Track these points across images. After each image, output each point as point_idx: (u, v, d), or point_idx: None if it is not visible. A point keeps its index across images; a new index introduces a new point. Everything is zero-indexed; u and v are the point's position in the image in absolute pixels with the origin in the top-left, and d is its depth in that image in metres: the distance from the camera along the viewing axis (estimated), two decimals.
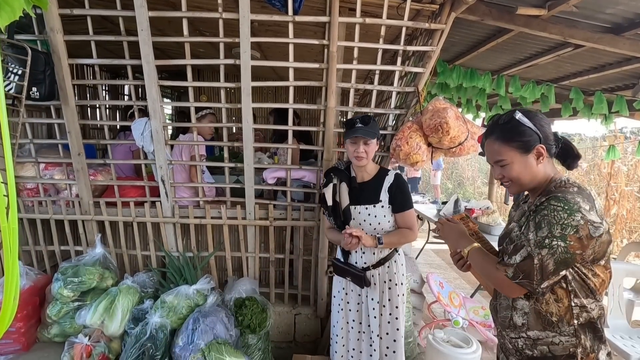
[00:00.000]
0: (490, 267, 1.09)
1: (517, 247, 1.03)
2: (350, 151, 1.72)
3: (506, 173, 1.09)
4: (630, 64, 2.84)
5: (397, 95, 2.27)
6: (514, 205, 1.32)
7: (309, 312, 2.52)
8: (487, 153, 1.15)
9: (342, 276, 1.83)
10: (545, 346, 1.04)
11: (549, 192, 1.05)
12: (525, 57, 3.15)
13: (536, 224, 0.98)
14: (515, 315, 1.09)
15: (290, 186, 2.32)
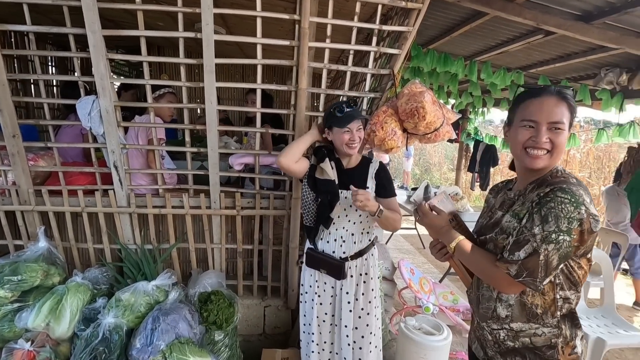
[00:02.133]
0: (486, 264, 1.01)
1: (519, 242, 0.94)
2: (344, 139, 1.63)
3: (556, 139, 0.96)
4: (594, 54, 2.91)
5: (372, 78, 2.16)
6: (492, 192, 1.27)
7: (279, 304, 2.43)
8: (540, 110, 0.97)
9: (316, 268, 1.74)
10: (528, 338, 1.02)
11: (545, 180, 1.00)
12: (497, 43, 3.15)
13: (542, 217, 0.91)
14: (500, 307, 1.05)
15: (259, 173, 2.17)
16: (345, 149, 1.64)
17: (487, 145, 5.74)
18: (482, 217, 1.23)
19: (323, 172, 1.66)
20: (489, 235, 1.09)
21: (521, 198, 1.05)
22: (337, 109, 1.63)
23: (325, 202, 1.65)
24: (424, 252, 4.88)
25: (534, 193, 0.99)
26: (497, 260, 0.98)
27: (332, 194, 1.64)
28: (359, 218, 1.70)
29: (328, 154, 1.70)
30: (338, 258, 1.70)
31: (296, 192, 2.13)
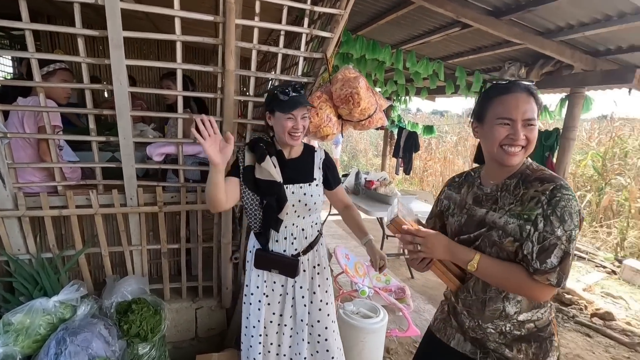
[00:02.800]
0: (521, 278, 0.97)
1: (546, 248, 0.94)
2: (286, 127, 1.44)
3: (532, 135, 0.98)
4: (501, 48, 3.21)
5: (304, 62, 2.07)
6: (452, 188, 1.23)
7: (213, 304, 2.26)
8: (514, 107, 0.98)
9: (266, 269, 1.59)
10: (532, 323, 1.06)
11: (527, 175, 1.02)
12: (419, 33, 3.28)
13: (559, 218, 0.93)
14: (509, 306, 1.05)
15: (183, 164, 1.95)
16: (287, 138, 1.47)
17: (410, 132, 6.10)
18: (453, 216, 1.18)
19: (264, 172, 1.47)
20: (471, 235, 1.08)
21: (506, 194, 1.04)
22: (281, 91, 1.45)
23: (272, 205, 1.47)
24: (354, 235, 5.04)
25: (527, 190, 0.99)
26: (534, 274, 0.96)
27: (278, 195, 1.47)
28: (308, 212, 1.58)
29: (267, 148, 1.51)
30: (290, 256, 1.57)
31: None
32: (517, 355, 1.05)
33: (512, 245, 0.99)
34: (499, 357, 1.08)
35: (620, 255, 4.97)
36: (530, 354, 1.05)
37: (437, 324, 1.27)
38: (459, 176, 1.24)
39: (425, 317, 3.03)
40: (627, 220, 5.34)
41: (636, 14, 2.19)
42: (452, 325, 1.20)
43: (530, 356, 1.05)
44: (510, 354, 1.06)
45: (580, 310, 3.46)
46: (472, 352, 1.14)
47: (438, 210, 1.26)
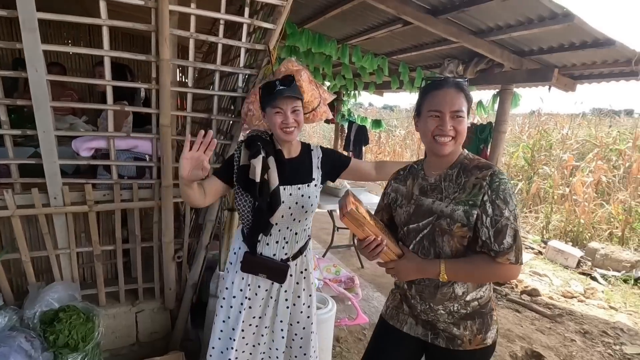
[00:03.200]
0: (488, 267, 1.07)
1: (500, 230, 1.03)
2: (277, 123, 1.37)
3: (458, 125, 1.08)
4: (440, 45, 3.37)
5: (247, 54, 2.02)
6: (397, 180, 1.29)
7: (155, 306, 2.16)
8: (442, 101, 1.07)
9: (253, 272, 1.50)
10: (476, 301, 1.15)
11: (465, 164, 1.12)
12: (364, 29, 3.35)
13: (503, 200, 1.03)
14: (457, 287, 1.14)
15: (115, 159, 1.82)
16: (280, 133, 1.39)
17: (359, 126, 6.24)
18: (401, 207, 1.23)
19: (253, 171, 1.37)
20: (420, 224, 1.15)
21: (450, 184, 1.12)
22: (268, 86, 1.38)
23: (262, 207, 1.38)
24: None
25: (469, 178, 1.08)
26: (496, 257, 1.04)
27: (271, 198, 1.37)
28: (304, 215, 1.48)
29: (265, 147, 1.40)
30: (279, 260, 1.50)
31: (166, 179, 1.87)
32: (463, 332, 1.15)
33: (461, 230, 1.07)
34: (448, 335, 1.17)
35: (546, 237, 5.52)
36: (475, 329, 1.15)
37: (389, 312, 1.33)
38: (403, 169, 1.31)
39: (374, 305, 3.15)
40: (551, 205, 5.95)
41: (552, 18, 2.42)
42: (404, 311, 1.27)
43: (475, 331, 1.15)
44: (458, 331, 1.15)
45: (511, 289, 3.80)
46: (423, 335, 1.22)
47: (385, 203, 1.32)
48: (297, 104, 1.39)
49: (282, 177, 1.41)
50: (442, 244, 1.12)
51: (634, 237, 5.10)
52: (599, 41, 2.63)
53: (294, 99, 1.38)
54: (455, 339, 1.16)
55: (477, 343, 1.15)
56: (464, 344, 1.15)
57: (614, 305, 3.56)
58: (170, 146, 1.84)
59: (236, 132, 2.01)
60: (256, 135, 1.48)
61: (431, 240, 1.14)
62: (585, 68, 3.21)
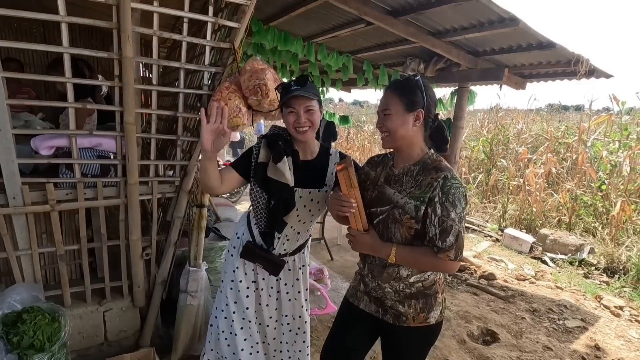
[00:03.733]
0: (430, 259, 1.19)
1: (445, 229, 1.14)
2: (290, 122, 1.40)
3: (386, 122, 1.22)
4: (402, 45, 3.51)
5: (212, 51, 2.05)
6: (370, 165, 1.41)
7: (124, 305, 2.15)
8: (379, 104, 1.27)
9: (251, 261, 1.56)
10: (420, 283, 1.27)
11: (427, 164, 1.23)
12: (329, 27, 3.43)
13: (451, 203, 1.13)
14: (402, 270, 1.26)
15: (79, 157, 1.80)
16: (294, 133, 1.41)
17: (328, 122, 6.33)
18: (367, 190, 1.34)
19: (278, 173, 1.40)
20: (379, 209, 1.27)
21: (410, 179, 1.24)
22: (284, 86, 1.40)
23: (279, 207, 1.43)
24: None
25: (425, 177, 1.19)
26: (437, 253, 1.17)
27: (287, 199, 1.43)
28: (310, 217, 1.53)
29: (285, 147, 1.43)
30: (278, 255, 1.56)
31: (132, 176, 1.88)
32: (407, 310, 1.28)
33: (409, 222, 1.20)
34: (395, 312, 1.30)
35: (503, 225, 5.91)
36: (418, 308, 1.27)
37: (350, 291, 1.47)
38: (378, 156, 1.43)
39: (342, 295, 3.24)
40: (507, 195, 6.35)
41: (501, 22, 2.61)
42: (360, 289, 1.41)
43: (418, 310, 1.27)
44: (403, 309, 1.28)
45: (471, 274, 4.06)
46: (375, 311, 1.36)
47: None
48: (310, 103, 1.38)
49: (295, 179, 1.44)
50: (394, 231, 1.24)
51: (580, 223, 5.57)
52: (542, 44, 2.86)
53: (307, 98, 1.37)
54: (400, 315, 1.29)
55: (420, 321, 1.27)
56: (408, 320, 1.28)
57: (560, 285, 3.91)
58: (135, 143, 1.84)
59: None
60: (277, 133, 1.50)
61: (385, 226, 1.26)
62: (533, 68, 3.48)
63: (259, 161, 1.45)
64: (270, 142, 1.46)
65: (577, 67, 3.03)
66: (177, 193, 2.11)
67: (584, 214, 5.62)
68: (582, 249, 4.81)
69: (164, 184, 2.08)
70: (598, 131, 6.41)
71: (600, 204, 5.56)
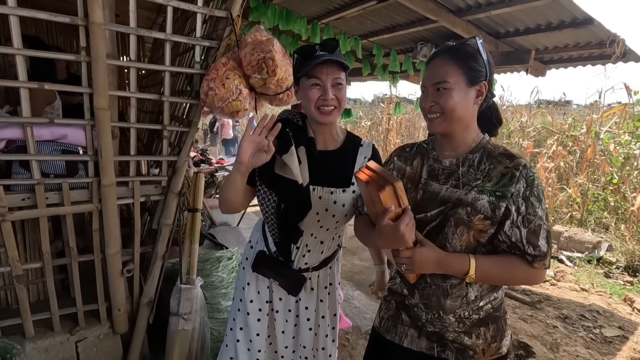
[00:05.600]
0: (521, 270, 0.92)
1: (533, 230, 0.90)
2: (312, 99, 1.07)
3: (442, 100, 0.92)
4: (414, 27, 3.18)
5: (205, 22, 1.69)
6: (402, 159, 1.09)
7: (101, 332, 1.77)
8: (427, 74, 0.96)
9: (264, 274, 1.25)
10: (490, 304, 1.00)
11: (489, 150, 0.96)
12: (335, 7, 3.07)
13: (537, 197, 0.90)
14: (471, 291, 0.97)
15: (37, 152, 1.42)
16: (315, 114, 1.09)
17: None
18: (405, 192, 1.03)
19: (285, 168, 1.10)
20: (429, 214, 0.97)
21: (470, 169, 0.96)
22: (305, 50, 1.08)
23: (291, 211, 1.13)
24: None
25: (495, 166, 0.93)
26: (533, 262, 0.91)
27: (300, 199, 1.12)
28: (334, 224, 1.21)
29: (295, 134, 1.12)
30: (297, 269, 1.24)
31: (107, 176, 1.50)
32: (476, 341, 0.99)
33: (482, 223, 0.92)
34: (458, 347, 1.00)
35: None
36: (489, 337, 0.99)
37: (384, 324, 1.13)
38: (410, 146, 1.11)
39: (355, 305, 2.93)
40: None
41: None
42: (403, 322, 1.08)
43: (489, 339, 0.99)
44: (470, 341, 0.99)
45: None
46: (428, 348, 1.03)
47: None
48: (340, 75, 1.08)
49: (312, 175, 1.14)
50: (453, 238, 0.94)
51: (590, 218, 5.34)
52: (576, 20, 2.55)
53: (337, 68, 1.07)
54: (466, 350, 0.99)
55: (491, 353, 1.00)
56: (477, 355, 0.99)
57: (584, 287, 3.63)
58: (109, 135, 1.47)
59: (195, 117, 1.67)
60: (286, 117, 1.18)
61: (438, 234, 0.96)
62: (556, 51, 3.18)
63: None
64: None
65: (612, 48, 2.73)
66: (164, 195, 1.74)
67: (594, 209, 5.38)
68: (599, 247, 4.56)
69: (147, 184, 1.71)
70: (610, 123, 6.18)
71: (612, 199, 5.33)
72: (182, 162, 1.70)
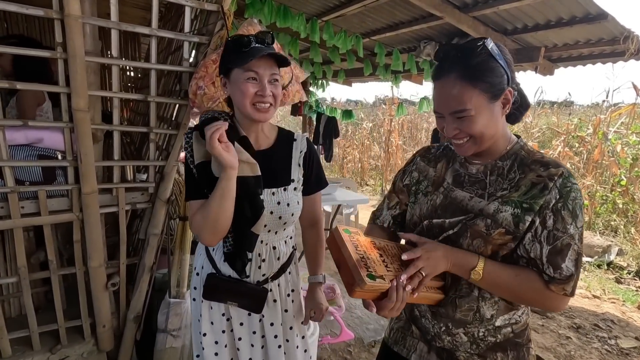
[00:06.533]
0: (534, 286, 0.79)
1: (558, 249, 0.77)
2: (247, 93, 0.96)
3: (466, 127, 0.79)
4: (417, 24, 3.07)
5: (195, 16, 1.57)
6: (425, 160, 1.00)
7: (85, 350, 1.65)
8: (439, 99, 0.82)
9: (219, 300, 1.12)
10: (509, 327, 0.88)
11: (522, 157, 0.84)
12: (334, 4, 2.97)
13: (571, 212, 0.77)
14: (484, 307, 0.86)
15: (10, 157, 1.30)
16: (250, 111, 0.98)
17: (329, 117, 5.87)
18: (426, 195, 0.95)
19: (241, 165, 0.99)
20: (448, 221, 0.87)
21: (499, 178, 0.85)
22: (238, 40, 0.98)
23: (245, 214, 1.00)
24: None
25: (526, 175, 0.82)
26: (550, 283, 0.78)
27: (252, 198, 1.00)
28: (282, 226, 1.12)
29: (230, 132, 0.97)
30: (255, 283, 1.12)
31: (87, 184, 1.38)
32: None
33: (502, 238, 0.82)
34: None
35: None
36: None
37: (393, 335, 1.05)
38: (435, 148, 1.01)
39: (357, 315, 2.80)
40: None
41: None
42: (412, 334, 0.99)
43: None
44: None
45: None
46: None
47: (404, 184, 1.03)
48: (276, 71, 1.00)
49: None
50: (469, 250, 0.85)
51: (599, 221, 5.19)
52: (589, 15, 2.43)
53: (275, 63, 0.99)
54: None
55: None
56: None
57: (596, 294, 3.49)
58: (90, 138, 1.36)
59: (184, 119, 1.55)
60: (211, 117, 1.04)
61: (453, 242, 0.87)
62: (566, 49, 3.05)
63: (197, 162, 1.00)
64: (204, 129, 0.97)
65: (627, 45, 2.60)
66: (152, 203, 1.62)
67: (603, 212, 5.24)
68: (609, 251, 4.42)
69: (133, 191, 1.59)
70: (618, 123, 6.04)
71: (620, 201, 5.19)
72: (171, 167, 1.58)
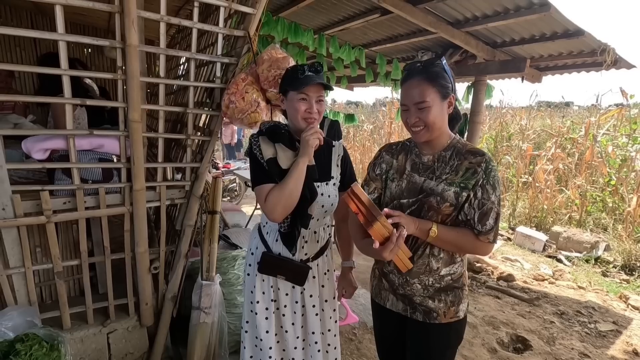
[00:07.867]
0: (470, 239, 1.14)
1: (485, 212, 1.11)
2: (300, 110, 1.28)
3: (424, 116, 1.10)
4: (415, 37, 3.34)
5: (224, 41, 1.85)
6: (389, 153, 1.29)
7: (130, 324, 1.93)
8: (406, 95, 1.14)
9: (271, 274, 1.41)
10: (449, 276, 1.21)
11: (458, 148, 1.17)
12: (339, 19, 3.24)
13: (492, 185, 1.11)
14: (433, 261, 1.19)
15: (78, 160, 1.58)
16: (301, 123, 1.29)
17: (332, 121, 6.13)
18: (393, 181, 1.24)
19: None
20: (410, 200, 1.18)
21: (443, 165, 1.18)
22: (295, 69, 1.31)
23: (305, 195, 1.30)
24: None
25: (462, 162, 1.14)
26: (479, 236, 1.13)
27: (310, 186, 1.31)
28: (323, 214, 1.41)
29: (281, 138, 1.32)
30: (299, 261, 1.40)
31: (138, 182, 1.66)
32: (438, 304, 1.21)
33: (448, 210, 1.14)
34: (425, 309, 1.23)
35: (513, 224, 5.77)
36: (449, 302, 1.22)
37: (373, 291, 1.39)
38: (395, 144, 1.33)
39: (360, 302, 3.08)
40: (516, 193, 6.22)
41: (529, 8, 2.44)
42: (384, 287, 1.32)
43: (449, 304, 1.21)
44: (433, 304, 1.21)
45: (488, 276, 3.89)
46: (403, 310, 1.27)
47: (376, 174, 1.31)
48: (322, 93, 1.32)
49: None
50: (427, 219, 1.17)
51: (589, 219, 5.45)
52: (568, 32, 2.70)
53: (321, 87, 1.30)
54: (431, 312, 1.22)
55: (450, 316, 1.22)
56: (439, 316, 1.21)
57: (581, 285, 3.76)
58: (141, 144, 1.64)
59: (215, 127, 1.83)
60: (273, 125, 1.38)
61: (416, 214, 1.18)
62: (551, 59, 3.32)
63: (267, 158, 1.31)
64: (271, 133, 1.34)
65: (604, 57, 2.88)
66: (187, 199, 1.90)
67: (593, 210, 5.50)
68: (597, 247, 4.68)
69: (172, 189, 1.87)
70: (607, 126, 6.31)
71: (610, 200, 5.45)
72: (204, 168, 1.86)
